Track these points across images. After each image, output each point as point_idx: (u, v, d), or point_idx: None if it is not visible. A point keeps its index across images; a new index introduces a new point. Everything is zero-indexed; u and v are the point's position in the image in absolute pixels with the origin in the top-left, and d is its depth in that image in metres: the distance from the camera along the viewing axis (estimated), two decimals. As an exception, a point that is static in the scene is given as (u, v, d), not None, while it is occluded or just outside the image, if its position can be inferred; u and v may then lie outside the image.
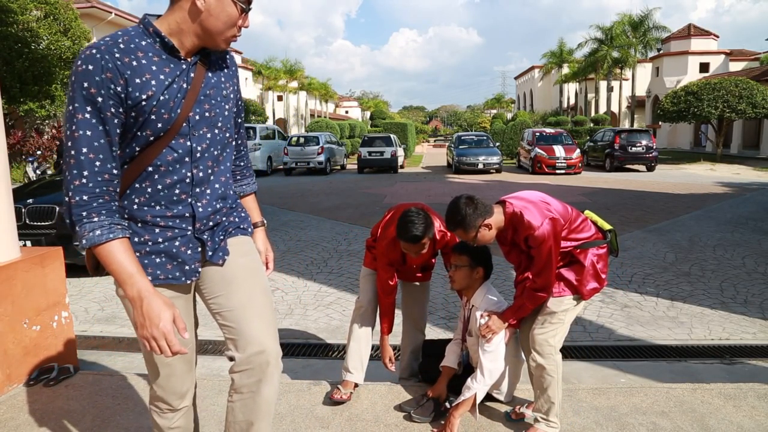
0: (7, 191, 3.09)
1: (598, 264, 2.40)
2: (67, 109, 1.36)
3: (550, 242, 2.24)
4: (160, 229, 1.49)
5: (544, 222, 2.23)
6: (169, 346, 1.33)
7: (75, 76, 1.34)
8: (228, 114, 1.60)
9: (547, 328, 2.41)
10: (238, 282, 1.64)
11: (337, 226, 8.76)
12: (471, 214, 2.26)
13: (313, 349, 3.94)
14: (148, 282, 1.36)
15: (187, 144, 1.49)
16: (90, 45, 1.37)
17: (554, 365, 2.41)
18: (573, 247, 2.38)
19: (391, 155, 20.05)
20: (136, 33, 1.43)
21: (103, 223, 1.34)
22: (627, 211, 9.79)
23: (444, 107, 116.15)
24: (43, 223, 5.65)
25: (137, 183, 1.47)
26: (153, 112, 1.41)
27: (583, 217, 2.46)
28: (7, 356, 2.97)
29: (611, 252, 2.53)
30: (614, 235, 2.50)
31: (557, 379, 2.43)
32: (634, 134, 19.65)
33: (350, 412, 2.73)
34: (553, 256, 2.28)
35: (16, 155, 14.87)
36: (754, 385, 2.93)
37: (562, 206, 2.41)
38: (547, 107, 49.98)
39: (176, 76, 1.44)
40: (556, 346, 2.42)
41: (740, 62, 34.89)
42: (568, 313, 2.43)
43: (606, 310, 4.62)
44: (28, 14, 15.05)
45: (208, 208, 1.56)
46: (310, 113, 45.48)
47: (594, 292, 2.43)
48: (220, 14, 1.43)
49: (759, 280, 5.37)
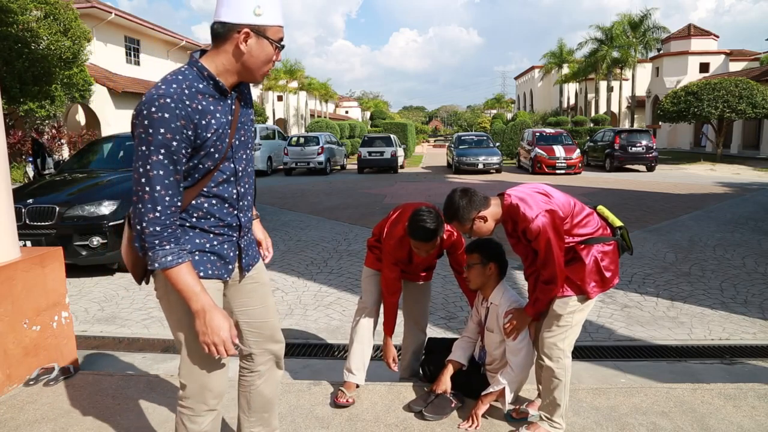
0: (7, 191, 3.09)
1: (602, 261, 2.35)
2: (140, 148, 1.53)
3: (546, 234, 2.22)
4: (213, 235, 1.75)
5: (540, 214, 2.22)
6: (226, 350, 1.64)
7: (149, 121, 1.51)
8: (252, 134, 1.87)
9: (555, 332, 2.40)
10: (259, 283, 2.03)
11: (337, 226, 8.76)
12: (465, 206, 2.28)
13: (313, 349, 3.94)
14: (210, 298, 1.63)
15: (231, 166, 1.74)
16: (160, 92, 1.53)
17: (562, 369, 2.40)
18: (576, 243, 2.35)
19: (391, 155, 20.04)
20: (193, 77, 1.62)
21: (173, 251, 1.58)
22: (627, 211, 9.79)
23: (444, 107, 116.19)
24: (43, 223, 5.65)
25: (194, 201, 1.70)
26: (212, 145, 1.64)
27: (587, 212, 2.41)
28: (7, 356, 2.97)
29: (624, 249, 2.48)
30: (626, 232, 2.46)
31: (565, 383, 2.42)
32: (634, 134, 19.64)
33: (350, 412, 2.73)
34: (554, 248, 2.24)
35: (15, 155, 14.87)
36: (754, 386, 2.93)
37: (565, 199, 2.37)
38: (547, 107, 49.97)
39: (226, 112, 1.69)
40: (565, 350, 2.40)
41: (740, 62, 34.89)
42: (575, 315, 2.39)
43: (606, 310, 4.62)
44: (28, 14, 15.05)
45: (247, 216, 1.86)
46: (310, 113, 45.47)
47: (600, 290, 2.38)
48: (259, 54, 1.64)
49: (759, 281, 5.37)
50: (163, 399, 2.89)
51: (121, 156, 7.67)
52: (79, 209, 5.71)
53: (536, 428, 2.48)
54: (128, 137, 8.39)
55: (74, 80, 17.03)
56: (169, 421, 2.66)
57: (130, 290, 5.38)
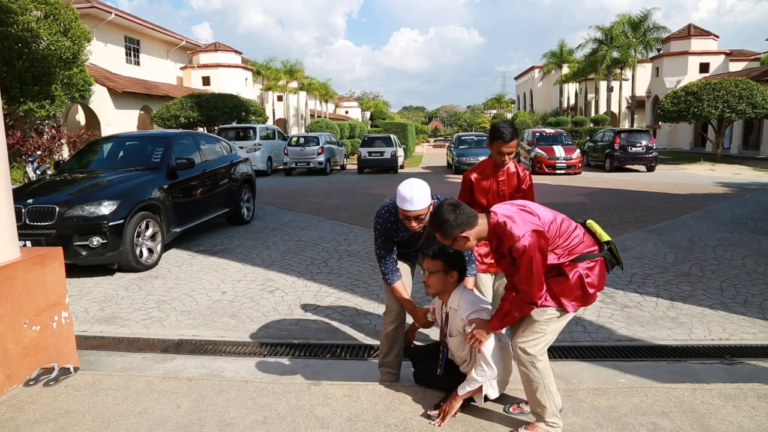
0: (7, 191, 3.09)
1: (587, 278, 2.36)
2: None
3: (531, 253, 2.23)
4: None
5: (526, 233, 2.23)
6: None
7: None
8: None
9: (528, 337, 2.41)
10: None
11: (337, 227, 8.76)
12: (450, 223, 2.28)
13: (313, 349, 3.94)
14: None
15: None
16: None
17: (536, 372, 2.40)
18: (561, 261, 2.35)
19: (391, 155, 20.03)
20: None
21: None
22: (627, 211, 9.79)
23: (444, 107, 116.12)
24: (43, 223, 5.64)
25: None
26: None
27: (573, 228, 2.41)
28: (7, 356, 2.97)
29: (613, 265, 2.46)
30: (614, 246, 2.45)
31: (544, 384, 2.41)
32: (634, 134, 19.63)
33: (350, 412, 2.73)
34: (536, 267, 2.25)
35: (15, 155, 14.87)
36: (754, 386, 2.93)
37: (551, 217, 2.37)
38: (547, 107, 49.94)
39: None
40: (536, 355, 2.40)
41: (740, 62, 34.86)
42: (551, 324, 2.40)
43: (606, 310, 4.62)
44: (28, 14, 15.04)
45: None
46: (310, 113, 45.45)
47: (580, 305, 2.40)
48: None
49: (759, 281, 5.37)
50: (163, 399, 2.89)
51: (121, 156, 7.68)
52: (79, 209, 5.71)
53: (534, 428, 2.48)
54: (128, 137, 8.41)
55: (74, 80, 17.04)
56: (169, 421, 2.67)
57: (130, 290, 5.38)
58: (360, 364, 3.69)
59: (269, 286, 5.46)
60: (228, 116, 22.71)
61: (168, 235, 6.73)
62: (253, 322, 4.46)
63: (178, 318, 4.60)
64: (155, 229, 6.39)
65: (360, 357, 3.81)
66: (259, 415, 2.71)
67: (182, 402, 2.86)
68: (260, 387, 3.01)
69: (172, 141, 7.52)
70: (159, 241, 6.44)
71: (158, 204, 6.52)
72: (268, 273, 5.97)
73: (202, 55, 33.05)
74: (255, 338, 4.16)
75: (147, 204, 6.32)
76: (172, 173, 7.02)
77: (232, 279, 5.74)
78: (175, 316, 4.64)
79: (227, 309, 4.80)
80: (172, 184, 6.95)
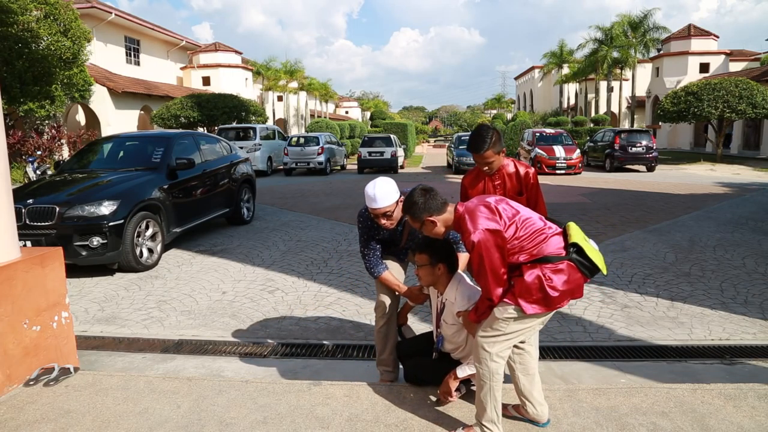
0: (7, 191, 3.09)
1: (549, 281, 2.26)
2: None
3: (480, 249, 2.24)
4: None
5: (478, 231, 2.25)
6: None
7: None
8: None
9: (488, 333, 2.38)
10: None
11: (337, 227, 8.76)
12: (419, 206, 2.40)
13: (313, 349, 3.94)
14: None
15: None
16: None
17: (487, 371, 2.37)
18: (521, 263, 2.31)
19: (391, 155, 20.03)
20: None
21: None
22: (627, 211, 9.79)
23: (444, 107, 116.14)
24: (43, 223, 5.64)
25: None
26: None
27: (538, 229, 2.33)
28: (7, 356, 2.97)
29: (589, 270, 2.30)
30: (582, 250, 2.27)
31: (490, 386, 2.37)
32: (634, 134, 19.63)
33: (350, 412, 2.73)
34: (488, 264, 2.25)
35: (15, 155, 14.87)
36: (754, 386, 2.93)
37: (517, 217, 2.33)
38: (547, 107, 49.95)
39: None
40: (491, 353, 2.35)
41: (740, 62, 34.86)
42: (511, 324, 2.33)
43: (606, 310, 4.62)
44: (28, 14, 15.05)
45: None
46: (310, 113, 45.46)
47: (541, 310, 2.30)
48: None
49: (759, 281, 5.37)
50: (163, 399, 2.89)
51: (121, 156, 7.68)
52: (79, 209, 5.71)
53: (469, 431, 2.48)
54: (128, 137, 8.41)
55: (74, 80, 17.04)
56: (169, 421, 2.67)
57: (130, 290, 5.38)
58: (360, 364, 3.69)
59: (269, 287, 5.46)
60: (228, 116, 22.70)
61: (168, 235, 6.73)
62: (253, 322, 4.46)
63: (178, 318, 4.60)
64: (155, 229, 6.39)
65: (360, 357, 3.81)
66: (259, 415, 2.71)
67: (182, 402, 2.86)
68: (260, 387, 3.01)
69: (172, 141, 7.52)
70: (159, 241, 6.44)
71: (158, 204, 6.52)
72: (268, 273, 5.97)
73: (202, 55, 33.06)
74: (255, 338, 4.16)
75: (147, 204, 6.32)
76: (172, 173, 7.02)
77: (232, 279, 5.74)
78: (175, 316, 4.64)
79: (227, 309, 4.80)
80: (172, 184, 6.95)
